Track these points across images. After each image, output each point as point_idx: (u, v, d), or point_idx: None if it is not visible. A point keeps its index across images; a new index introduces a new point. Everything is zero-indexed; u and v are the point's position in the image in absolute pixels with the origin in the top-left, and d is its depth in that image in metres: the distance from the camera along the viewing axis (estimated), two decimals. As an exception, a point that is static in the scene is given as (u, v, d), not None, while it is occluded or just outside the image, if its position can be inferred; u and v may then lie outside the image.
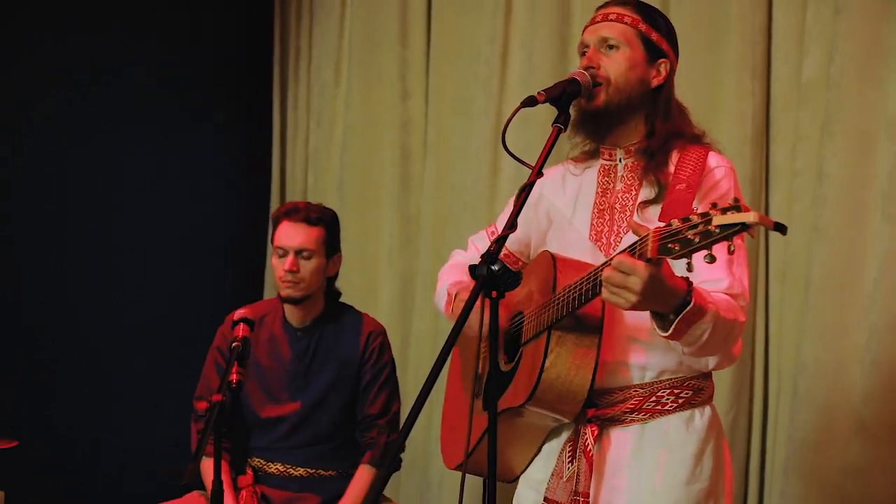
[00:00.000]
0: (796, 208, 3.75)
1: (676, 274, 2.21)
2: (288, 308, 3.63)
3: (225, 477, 3.50)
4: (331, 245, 3.60)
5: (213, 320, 3.74)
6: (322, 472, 3.60)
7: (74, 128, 4.69)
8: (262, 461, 3.61)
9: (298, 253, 3.52)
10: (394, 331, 4.56)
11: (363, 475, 3.57)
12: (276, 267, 3.57)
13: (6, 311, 4.47)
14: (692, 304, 2.20)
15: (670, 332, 2.22)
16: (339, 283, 3.78)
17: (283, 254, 3.53)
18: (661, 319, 2.23)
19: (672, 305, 2.21)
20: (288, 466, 3.59)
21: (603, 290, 2.17)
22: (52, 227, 4.62)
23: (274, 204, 5.33)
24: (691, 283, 2.21)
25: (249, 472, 3.61)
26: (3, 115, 4.52)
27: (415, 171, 4.87)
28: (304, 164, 5.31)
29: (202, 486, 3.55)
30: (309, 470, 3.59)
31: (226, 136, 5.30)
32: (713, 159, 2.48)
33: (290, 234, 3.53)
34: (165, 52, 5.02)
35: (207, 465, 3.49)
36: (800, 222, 3.74)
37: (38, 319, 4.58)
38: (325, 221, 3.58)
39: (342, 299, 3.75)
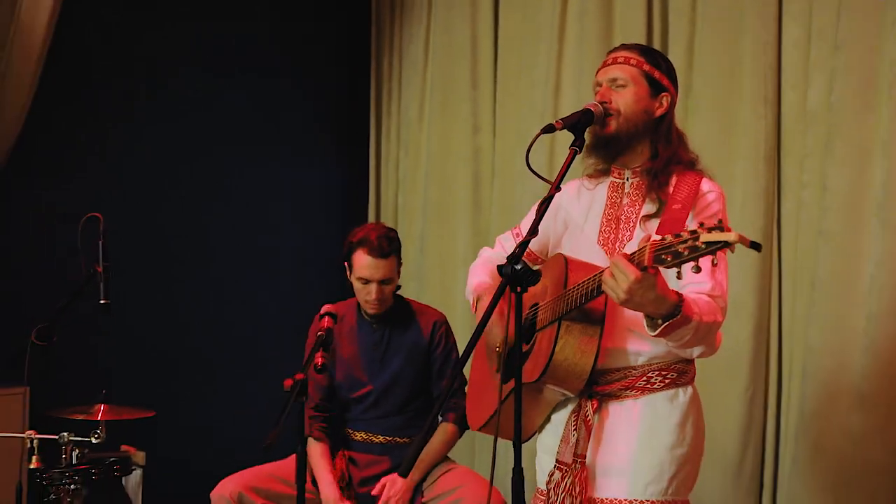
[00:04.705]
0: (804, 216, 3.92)
1: (670, 285, 2.36)
2: None
3: (322, 448, 3.74)
4: (400, 264, 3.77)
5: (314, 326, 3.67)
6: (398, 440, 3.77)
7: (190, 152, 4.98)
8: (350, 430, 3.82)
9: (381, 282, 3.68)
10: (468, 326, 4.71)
11: (447, 430, 3.73)
12: (360, 291, 3.71)
13: (154, 307, 4.81)
14: (681, 314, 2.34)
15: (657, 333, 2.36)
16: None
17: (367, 282, 3.67)
18: (652, 321, 2.37)
19: (662, 312, 2.34)
20: (370, 434, 3.79)
21: (602, 283, 2.33)
22: (165, 241, 4.94)
23: (371, 220, 5.54)
24: (682, 297, 2.34)
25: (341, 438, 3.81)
26: (131, 139, 4.80)
27: (484, 194, 5.08)
28: (395, 187, 5.55)
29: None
30: (387, 437, 3.77)
31: (329, 162, 5.60)
32: (706, 185, 2.61)
33: (372, 269, 3.64)
34: (280, 89, 5.35)
35: (313, 447, 3.74)
36: (807, 227, 3.90)
37: (176, 316, 4.94)
38: (395, 249, 3.70)
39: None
